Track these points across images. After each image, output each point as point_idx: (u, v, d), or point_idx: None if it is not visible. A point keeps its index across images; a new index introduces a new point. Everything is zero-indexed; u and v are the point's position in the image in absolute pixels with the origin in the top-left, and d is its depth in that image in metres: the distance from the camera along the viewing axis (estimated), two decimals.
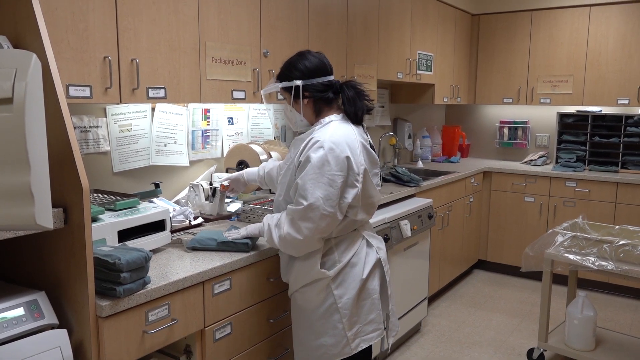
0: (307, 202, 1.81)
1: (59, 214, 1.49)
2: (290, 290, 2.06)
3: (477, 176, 4.58)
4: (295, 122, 2.07)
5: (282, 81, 1.99)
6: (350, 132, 1.93)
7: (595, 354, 2.94)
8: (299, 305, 2.04)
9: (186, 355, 1.92)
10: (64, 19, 1.76)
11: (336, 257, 1.97)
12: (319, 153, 1.83)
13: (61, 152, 1.49)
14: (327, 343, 1.98)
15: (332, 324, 1.97)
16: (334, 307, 1.96)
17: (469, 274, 4.80)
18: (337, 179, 1.83)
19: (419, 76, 4.15)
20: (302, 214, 1.83)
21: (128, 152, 2.46)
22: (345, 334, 1.97)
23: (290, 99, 1.99)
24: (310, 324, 2.00)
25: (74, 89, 1.80)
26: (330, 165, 1.82)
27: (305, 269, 1.97)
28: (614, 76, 4.42)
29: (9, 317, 1.44)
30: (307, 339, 2.02)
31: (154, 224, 1.99)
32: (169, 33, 2.12)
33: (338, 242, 1.99)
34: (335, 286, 1.97)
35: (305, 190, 1.82)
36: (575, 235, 2.89)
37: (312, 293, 1.98)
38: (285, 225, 1.87)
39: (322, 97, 1.98)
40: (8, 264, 1.74)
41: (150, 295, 1.65)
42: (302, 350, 2.05)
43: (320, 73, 1.97)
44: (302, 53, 2.01)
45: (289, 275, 2.04)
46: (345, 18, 3.19)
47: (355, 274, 1.99)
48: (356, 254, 2.00)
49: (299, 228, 1.84)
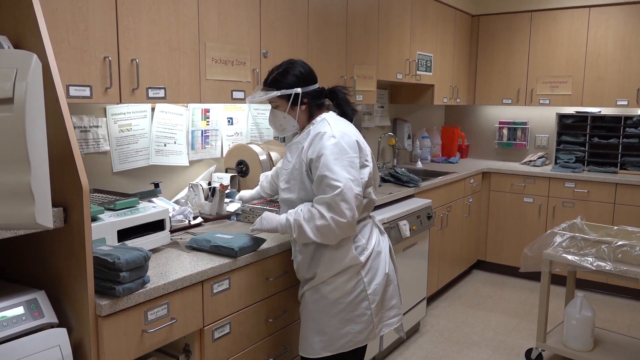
0: (340, 185, 1.85)
1: (59, 213, 1.50)
2: (314, 283, 2.04)
3: (476, 177, 4.59)
4: (285, 128, 2.09)
5: (279, 89, 2.01)
6: (347, 123, 2.06)
7: (593, 355, 2.94)
8: (324, 295, 2.02)
9: (185, 354, 1.93)
10: (64, 20, 1.76)
11: (364, 243, 2.03)
12: (332, 141, 1.92)
13: (61, 151, 1.50)
14: (354, 330, 2.02)
15: (360, 311, 2.02)
16: (363, 295, 2.02)
17: (467, 275, 4.80)
18: (355, 160, 1.93)
19: (419, 77, 4.15)
20: (339, 198, 1.86)
21: (128, 151, 2.47)
22: (372, 320, 2.05)
23: (286, 106, 2.03)
24: (336, 313, 2.02)
25: (74, 89, 1.81)
26: (346, 149, 1.92)
27: (338, 258, 1.99)
28: (613, 77, 4.42)
29: (8, 316, 1.44)
30: (331, 328, 2.02)
31: (154, 224, 2.00)
32: (169, 33, 2.13)
33: (361, 229, 2.05)
34: (365, 273, 2.02)
35: (334, 176, 1.87)
36: (574, 235, 2.90)
37: (342, 281, 2.00)
38: (323, 213, 1.87)
39: (316, 103, 2.08)
40: (8, 263, 1.75)
41: (150, 295, 1.66)
42: (324, 340, 2.03)
43: (313, 80, 2.07)
44: (293, 61, 2.07)
45: (316, 268, 2.02)
46: (345, 18, 3.20)
47: (381, 260, 2.08)
48: (377, 241, 2.09)
49: (340, 211, 1.86)
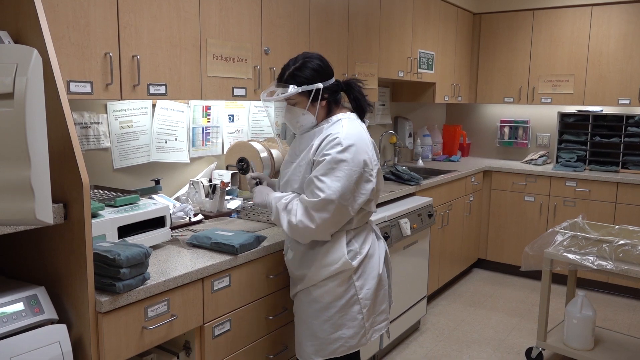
0: (325, 194, 1.84)
1: (59, 209, 1.49)
2: (305, 285, 2.02)
3: (477, 175, 4.58)
4: (303, 125, 2.01)
5: (299, 84, 1.92)
6: (362, 130, 1.99)
7: (593, 354, 2.94)
8: (315, 298, 2.01)
9: (185, 351, 1.92)
10: (65, 15, 1.76)
11: (357, 248, 2.01)
12: (336, 149, 1.88)
13: (62, 148, 1.49)
14: (345, 335, 2.00)
15: (352, 316, 2.01)
16: (354, 299, 2.00)
17: (468, 273, 4.80)
18: (354, 175, 1.88)
19: (420, 75, 4.14)
20: (318, 206, 1.85)
21: (128, 148, 2.47)
22: (364, 325, 2.03)
23: (306, 103, 1.96)
24: (328, 317, 2.00)
25: (74, 85, 1.80)
26: (347, 161, 1.87)
27: (329, 261, 1.97)
28: (615, 76, 4.41)
29: (8, 312, 1.44)
30: (323, 333, 2.01)
31: (154, 221, 1.99)
32: (170, 30, 2.12)
33: (356, 234, 2.03)
34: (357, 277, 2.01)
35: (323, 183, 1.85)
36: (575, 234, 2.89)
37: (333, 285, 1.98)
38: (298, 213, 1.88)
39: (335, 98, 2.03)
40: (8, 259, 1.75)
41: (150, 292, 1.65)
42: (315, 344, 2.02)
43: (331, 73, 2.01)
44: (309, 54, 1.99)
45: (306, 270, 2.01)
46: (347, 16, 3.19)
47: (373, 265, 2.05)
48: (372, 246, 2.07)
49: (312, 218, 1.86)
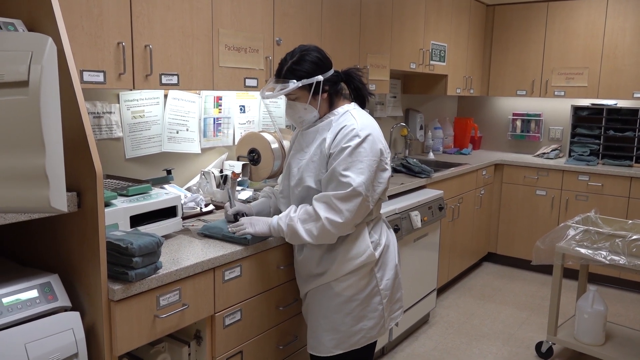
0: (352, 185, 1.83)
1: (72, 198, 1.50)
2: (325, 280, 1.99)
3: (488, 168, 4.55)
4: (305, 119, 1.99)
5: (298, 79, 1.89)
6: (373, 119, 2.00)
7: (604, 349, 2.92)
8: (338, 293, 1.98)
9: (196, 340, 1.94)
10: (78, 4, 1.76)
11: (377, 239, 2.02)
12: (355, 141, 1.87)
13: (75, 137, 1.50)
14: (366, 326, 2.01)
15: (373, 307, 2.01)
16: (375, 290, 2.01)
17: (478, 267, 4.78)
18: (373, 164, 1.89)
19: (432, 67, 4.11)
20: (345, 197, 1.84)
21: (140, 138, 2.47)
22: (383, 315, 2.05)
23: (307, 97, 1.93)
24: (350, 310, 1.99)
25: (88, 74, 1.81)
26: (367, 151, 1.88)
27: (354, 254, 1.95)
28: (630, 69, 4.35)
29: (22, 299, 1.45)
30: (344, 326, 2.00)
31: (166, 210, 2.00)
32: (183, 19, 2.12)
33: (374, 225, 2.04)
34: (378, 269, 2.02)
35: (348, 176, 1.84)
36: (588, 229, 2.87)
37: (356, 279, 1.98)
38: (320, 213, 1.85)
39: (336, 89, 2.00)
40: (22, 246, 1.77)
41: (162, 280, 1.66)
42: (336, 338, 2.00)
43: (329, 64, 1.98)
44: (306, 47, 1.95)
45: (329, 265, 1.98)
46: (359, 7, 3.17)
47: (390, 255, 2.07)
48: (387, 236, 2.08)
49: (339, 210, 1.85)
